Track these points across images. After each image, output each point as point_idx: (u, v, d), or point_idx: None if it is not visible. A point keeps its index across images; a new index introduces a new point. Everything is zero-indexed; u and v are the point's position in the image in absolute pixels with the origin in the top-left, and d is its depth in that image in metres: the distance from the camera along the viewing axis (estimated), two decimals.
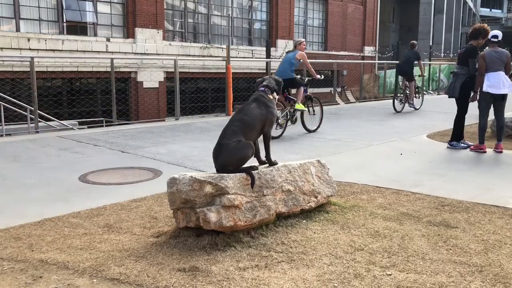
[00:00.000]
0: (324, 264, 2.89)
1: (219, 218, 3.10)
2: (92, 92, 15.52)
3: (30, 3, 14.05)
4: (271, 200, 3.40)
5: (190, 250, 3.09)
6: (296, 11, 22.26)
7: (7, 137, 8.48)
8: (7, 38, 13.24)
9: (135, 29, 15.96)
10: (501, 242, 3.26)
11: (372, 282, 2.65)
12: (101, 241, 3.27)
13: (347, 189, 4.63)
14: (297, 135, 8.10)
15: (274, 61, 15.30)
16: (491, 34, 6.59)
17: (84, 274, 2.76)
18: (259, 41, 20.72)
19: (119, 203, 4.21)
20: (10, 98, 10.99)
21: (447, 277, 2.72)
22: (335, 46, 24.04)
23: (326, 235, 3.35)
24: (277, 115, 3.69)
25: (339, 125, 9.76)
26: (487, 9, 52.66)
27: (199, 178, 3.19)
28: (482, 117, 6.69)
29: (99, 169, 5.58)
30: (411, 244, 3.20)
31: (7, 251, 3.11)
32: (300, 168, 3.72)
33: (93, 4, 15.35)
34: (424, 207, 4.04)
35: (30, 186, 4.84)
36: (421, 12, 40.92)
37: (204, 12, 18.77)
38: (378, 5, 26.67)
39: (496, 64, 6.40)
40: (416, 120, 10.40)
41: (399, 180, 5.02)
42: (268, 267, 2.84)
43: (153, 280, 2.67)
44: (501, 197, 4.36)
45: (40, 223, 3.67)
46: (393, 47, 32.16)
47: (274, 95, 3.68)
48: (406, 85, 12.43)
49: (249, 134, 3.41)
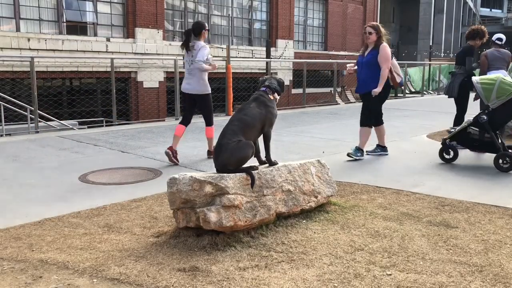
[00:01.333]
0: (324, 264, 2.89)
1: (219, 218, 3.10)
2: (92, 92, 15.52)
3: (30, 3, 14.05)
4: (271, 200, 3.40)
5: (190, 250, 3.09)
6: (296, 11, 22.26)
7: (7, 137, 8.48)
8: (7, 38, 13.24)
9: (135, 29, 15.96)
10: (501, 242, 3.26)
11: (372, 282, 2.64)
12: (101, 241, 3.27)
13: (347, 189, 4.63)
14: (298, 135, 8.10)
15: (274, 61, 15.29)
16: (496, 37, 6.64)
17: (84, 274, 2.76)
18: (259, 41, 20.72)
19: (119, 203, 4.21)
20: (10, 98, 10.99)
21: (447, 277, 2.72)
22: (335, 46, 24.05)
23: (326, 235, 3.35)
24: (276, 115, 3.68)
25: (339, 125, 9.76)
26: (487, 9, 52.67)
27: (199, 178, 3.19)
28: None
29: (99, 169, 5.58)
30: (411, 244, 3.20)
31: (7, 251, 3.11)
32: (300, 168, 3.72)
33: (93, 4, 15.35)
34: (424, 207, 4.04)
35: (30, 186, 4.83)
36: (421, 12, 40.94)
37: (204, 12, 18.77)
38: (378, 5, 26.68)
39: (498, 63, 6.44)
40: (416, 120, 10.40)
41: (399, 180, 5.02)
42: (268, 267, 2.84)
43: (153, 280, 2.67)
44: (501, 197, 4.36)
45: (40, 223, 3.67)
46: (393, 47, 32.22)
47: (275, 95, 3.67)
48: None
49: (249, 133, 3.41)
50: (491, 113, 5.52)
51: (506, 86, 5.43)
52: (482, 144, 5.63)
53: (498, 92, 5.43)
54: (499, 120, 5.60)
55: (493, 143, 5.50)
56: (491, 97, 5.48)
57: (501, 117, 5.58)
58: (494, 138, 5.52)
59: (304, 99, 15.22)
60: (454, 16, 43.25)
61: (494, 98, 5.46)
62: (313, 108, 14.17)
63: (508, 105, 5.46)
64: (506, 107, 5.47)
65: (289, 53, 21.36)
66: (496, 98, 5.45)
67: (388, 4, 38.02)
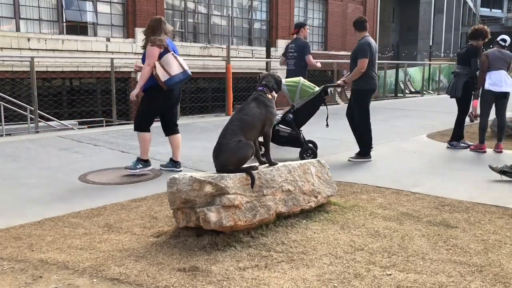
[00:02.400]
0: (324, 264, 2.89)
1: (219, 218, 3.10)
2: (92, 92, 15.52)
3: (30, 3, 14.05)
4: (271, 200, 3.40)
5: (190, 250, 3.09)
6: (296, 11, 22.26)
7: (7, 137, 8.48)
8: (7, 38, 13.24)
9: (135, 29, 15.96)
10: (501, 242, 3.26)
11: (372, 282, 2.64)
12: (101, 241, 3.27)
13: (347, 189, 4.63)
14: None
15: (274, 61, 15.29)
16: (501, 37, 6.63)
17: (84, 274, 2.76)
18: (259, 41, 20.72)
19: (119, 203, 4.21)
20: (10, 98, 10.98)
21: (447, 277, 2.72)
22: (335, 46, 24.05)
23: (326, 235, 3.35)
24: (276, 115, 3.68)
25: (339, 125, 9.76)
26: (487, 9, 52.64)
27: (199, 178, 3.19)
28: (483, 117, 6.70)
29: (99, 169, 5.58)
30: (411, 244, 3.20)
31: (7, 251, 3.11)
32: (300, 168, 3.72)
33: (93, 4, 15.35)
34: (424, 207, 4.04)
35: (30, 186, 4.83)
36: (421, 12, 40.92)
37: (204, 12, 18.77)
38: (378, 5, 26.68)
39: (498, 63, 6.43)
40: (416, 120, 10.40)
41: (399, 180, 5.02)
42: (268, 267, 2.84)
43: (153, 280, 2.67)
44: (501, 197, 4.36)
45: (40, 223, 3.67)
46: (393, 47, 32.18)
47: (273, 94, 3.66)
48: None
49: (249, 133, 3.41)
50: (296, 112, 6.07)
51: (306, 88, 6.09)
52: (289, 140, 6.10)
53: (300, 93, 6.06)
54: (302, 118, 6.14)
55: (298, 138, 6.02)
56: (296, 98, 6.08)
57: (304, 115, 6.14)
58: (299, 134, 6.05)
59: None
60: (454, 16, 43.23)
61: (298, 98, 6.07)
62: None
63: (308, 104, 6.08)
64: (307, 107, 6.09)
65: None
66: (299, 99, 6.06)
67: (388, 4, 38.00)
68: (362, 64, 5.85)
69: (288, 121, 6.04)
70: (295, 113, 6.06)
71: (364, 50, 5.86)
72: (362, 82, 5.96)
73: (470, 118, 9.49)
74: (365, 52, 5.85)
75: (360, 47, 5.93)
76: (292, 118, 6.03)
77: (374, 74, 6.07)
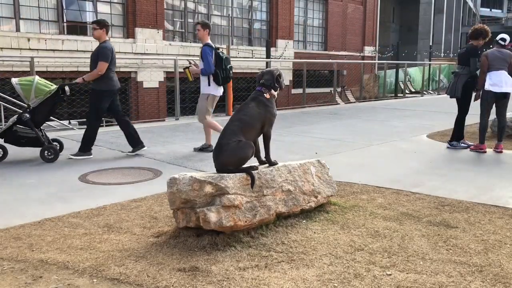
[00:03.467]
0: (324, 264, 2.89)
1: (219, 218, 3.10)
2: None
3: (30, 3, 14.05)
4: (271, 200, 3.40)
5: (190, 250, 3.09)
6: (296, 11, 22.25)
7: None
8: (7, 38, 13.24)
9: (135, 29, 15.96)
10: (501, 242, 3.26)
11: (372, 282, 2.65)
12: (101, 241, 3.27)
13: (347, 189, 4.63)
14: (298, 135, 8.10)
15: (274, 61, 15.30)
16: (500, 36, 6.62)
17: (84, 274, 2.76)
18: (259, 41, 20.72)
19: (119, 203, 4.21)
20: (10, 98, 10.98)
21: (447, 277, 2.72)
22: (335, 46, 24.04)
23: (326, 235, 3.35)
24: (276, 115, 3.64)
25: (339, 125, 9.76)
26: (487, 9, 52.69)
27: (199, 178, 3.19)
28: (483, 117, 6.69)
29: (99, 169, 5.59)
30: (411, 244, 3.20)
31: (7, 251, 3.11)
32: (300, 168, 3.72)
33: (93, 4, 15.35)
34: (424, 207, 4.04)
35: (30, 186, 4.84)
36: (421, 12, 40.95)
37: (204, 12, 18.77)
38: (378, 5, 26.66)
39: (498, 63, 6.41)
40: (416, 120, 10.40)
41: (399, 180, 5.02)
42: (268, 267, 2.84)
43: (153, 280, 2.67)
44: (501, 197, 4.36)
45: (40, 223, 3.67)
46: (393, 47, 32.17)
47: (272, 92, 3.56)
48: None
49: (249, 133, 3.41)
50: (33, 111, 5.98)
51: (42, 86, 5.99)
52: (29, 141, 6.05)
53: (36, 92, 5.94)
54: (41, 117, 6.08)
55: (38, 138, 5.98)
56: (31, 97, 5.95)
57: (43, 114, 6.07)
58: (38, 134, 5.99)
59: (304, 99, 15.21)
60: (454, 16, 43.25)
61: (33, 97, 5.95)
62: (313, 108, 14.17)
63: (46, 103, 6.01)
64: (45, 105, 6.02)
65: (289, 53, 21.35)
66: (35, 97, 5.95)
67: (388, 4, 38.00)
68: (101, 67, 6.22)
69: (25, 121, 5.94)
70: (32, 112, 5.97)
71: (106, 55, 6.21)
72: (100, 82, 6.31)
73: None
74: (107, 56, 6.21)
75: (102, 50, 6.27)
76: (29, 118, 5.93)
77: (112, 75, 6.39)
